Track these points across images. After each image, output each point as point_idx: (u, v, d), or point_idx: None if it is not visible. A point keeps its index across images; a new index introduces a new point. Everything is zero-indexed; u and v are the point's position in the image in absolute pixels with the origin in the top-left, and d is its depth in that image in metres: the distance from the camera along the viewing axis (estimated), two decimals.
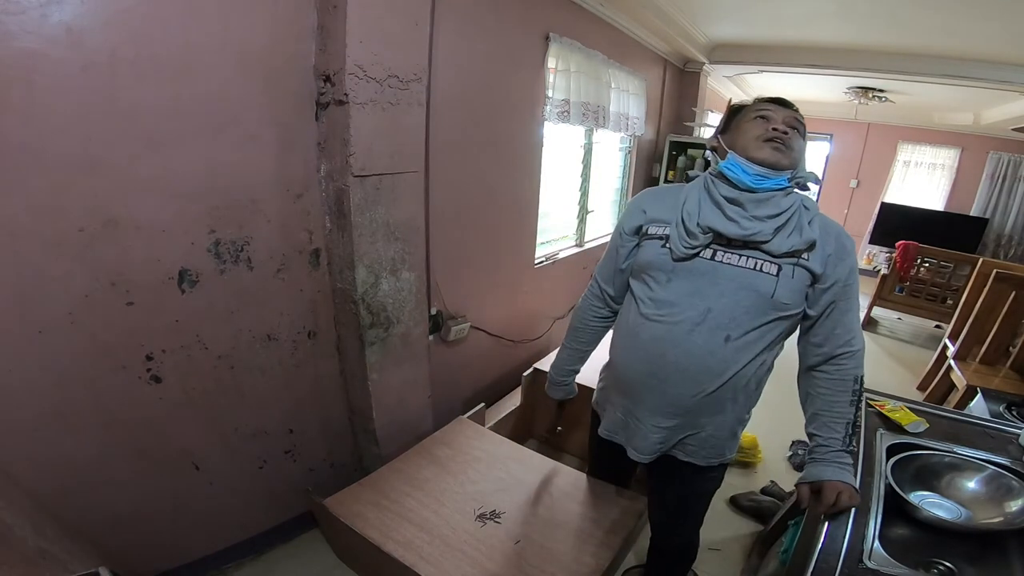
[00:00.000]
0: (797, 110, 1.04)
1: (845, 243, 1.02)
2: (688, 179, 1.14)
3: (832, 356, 1.05)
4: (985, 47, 2.96)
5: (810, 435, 1.10)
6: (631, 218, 1.15)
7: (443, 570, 1.24)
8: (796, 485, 1.11)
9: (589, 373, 1.41)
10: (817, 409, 1.08)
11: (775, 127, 1.00)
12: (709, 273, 1.00)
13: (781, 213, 0.98)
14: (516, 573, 1.26)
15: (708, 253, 1.01)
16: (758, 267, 0.98)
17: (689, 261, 1.01)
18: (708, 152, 1.14)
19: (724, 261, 1.00)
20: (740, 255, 1.00)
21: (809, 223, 1.00)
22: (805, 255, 0.99)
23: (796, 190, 1.03)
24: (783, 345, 1.09)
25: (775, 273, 0.98)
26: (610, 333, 1.26)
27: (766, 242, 0.98)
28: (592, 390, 1.34)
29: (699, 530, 1.31)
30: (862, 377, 1.06)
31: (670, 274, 1.04)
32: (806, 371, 1.11)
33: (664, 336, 1.03)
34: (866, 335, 4.25)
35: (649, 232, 1.09)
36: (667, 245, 1.04)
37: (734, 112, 1.10)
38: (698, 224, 1.00)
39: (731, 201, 1.00)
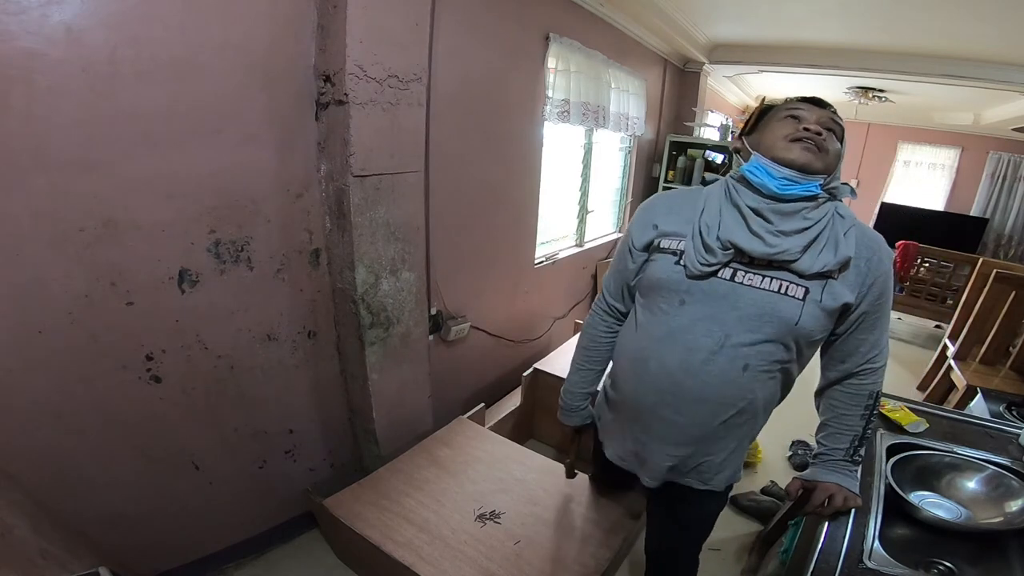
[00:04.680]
0: (835, 111, 0.94)
1: (883, 258, 0.92)
2: (705, 182, 1.07)
3: (853, 372, 0.98)
4: (985, 47, 2.96)
5: (817, 442, 1.07)
6: (641, 232, 1.03)
7: (443, 570, 1.24)
8: (792, 479, 1.09)
9: None
10: (828, 419, 1.04)
11: (807, 126, 0.89)
12: (728, 296, 0.90)
13: (812, 226, 0.88)
14: (516, 573, 1.26)
15: (728, 272, 0.91)
16: (783, 290, 0.88)
17: (705, 280, 0.91)
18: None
19: (745, 283, 0.90)
20: (763, 276, 0.89)
21: (845, 234, 0.89)
22: (837, 275, 0.89)
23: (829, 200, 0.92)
24: (807, 359, 1.01)
25: (801, 297, 0.88)
26: None
27: (794, 261, 0.87)
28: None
29: (698, 556, 1.25)
30: (879, 392, 1.00)
31: (684, 295, 0.93)
32: (826, 385, 1.05)
33: (678, 367, 0.94)
34: None
35: (662, 246, 0.98)
36: (682, 261, 0.93)
37: (764, 112, 0.98)
38: (718, 238, 0.90)
39: (756, 212, 0.89)
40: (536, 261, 2.74)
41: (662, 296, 0.97)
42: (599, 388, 1.24)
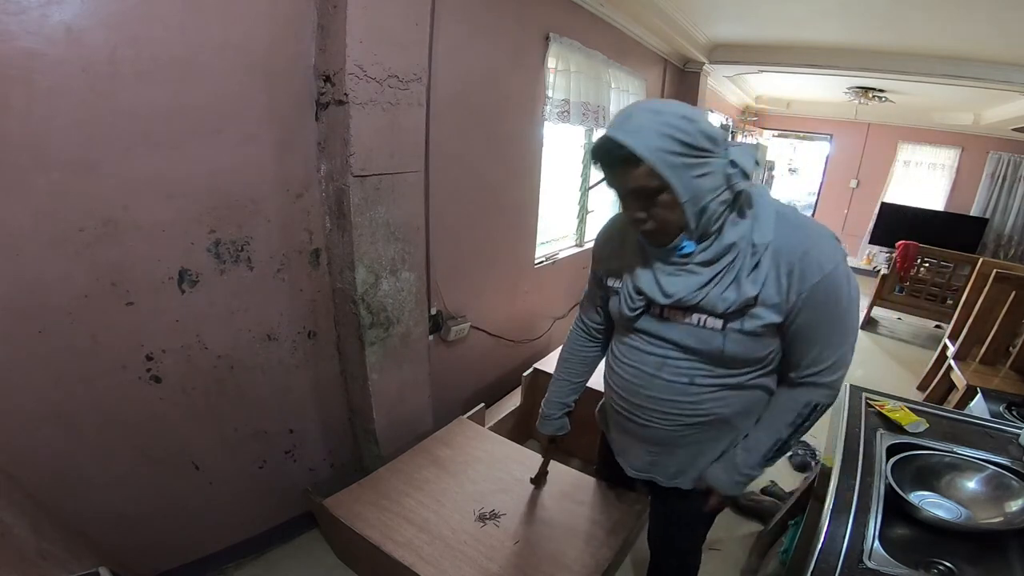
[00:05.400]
0: (639, 158, 0.77)
1: (812, 268, 0.83)
2: None
3: (796, 382, 0.96)
4: (985, 47, 2.96)
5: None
6: (594, 263, 1.14)
7: (443, 570, 1.24)
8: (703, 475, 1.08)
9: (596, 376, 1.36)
10: (764, 413, 1.02)
11: (630, 215, 0.87)
12: (662, 328, 0.96)
13: (705, 273, 0.87)
14: (516, 573, 1.26)
15: (656, 309, 0.95)
16: (702, 323, 0.90)
17: (641, 317, 0.98)
18: None
19: (671, 318, 0.94)
20: (684, 311, 0.92)
21: (756, 266, 0.85)
22: (752, 309, 0.87)
23: (738, 219, 0.86)
24: (776, 365, 0.99)
25: (720, 328, 0.89)
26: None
27: (696, 303, 0.88)
28: (600, 393, 1.29)
29: (697, 553, 1.28)
30: (819, 406, 0.96)
31: (632, 324, 1.00)
32: (779, 382, 1.03)
33: (633, 378, 1.03)
34: (866, 335, 4.31)
35: (608, 283, 1.06)
36: (621, 301, 1.00)
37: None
38: (634, 286, 0.96)
39: (657, 259, 0.91)
40: (536, 261, 2.74)
41: (619, 323, 1.07)
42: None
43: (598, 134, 3.07)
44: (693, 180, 0.79)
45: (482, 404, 2.13)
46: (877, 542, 0.93)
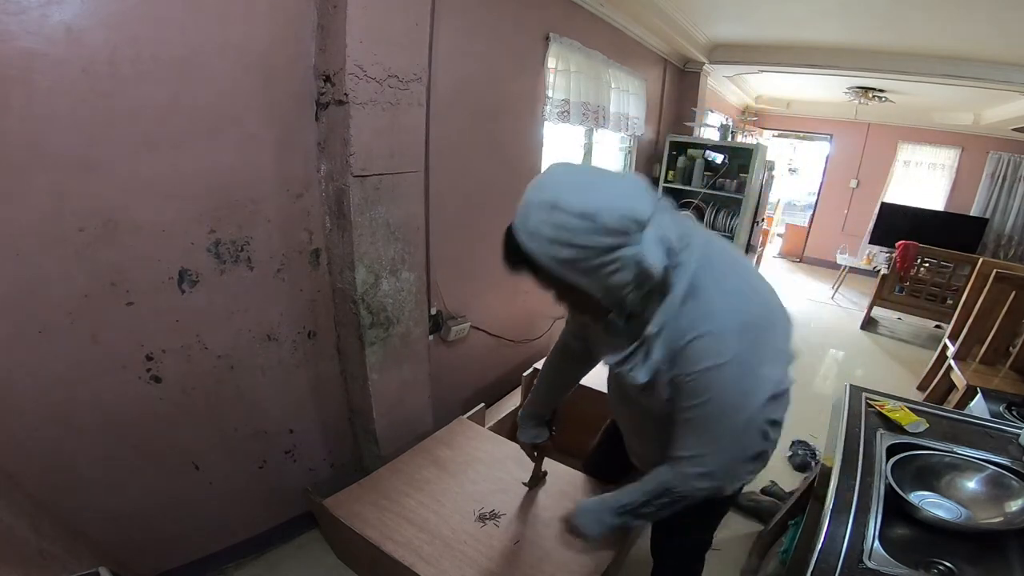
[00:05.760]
0: (535, 263, 0.74)
1: (687, 360, 0.77)
2: None
3: (668, 457, 0.89)
4: (985, 47, 2.96)
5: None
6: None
7: (443, 570, 1.24)
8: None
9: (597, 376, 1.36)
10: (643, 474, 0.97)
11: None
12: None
13: (633, 342, 0.83)
14: (516, 573, 1.26)
15: None
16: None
17: None
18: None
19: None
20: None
21: (647, 355, 0.81)
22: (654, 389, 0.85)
23: (660, 300, 0.79)
24: None
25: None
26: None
27: (624, 373, 0.87)
28: (602, 393, 1.27)
29: (699, 560, 1.26)
30: (678, 494, 0.88)
31: None
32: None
33: (614, 403, 1.12)
34: (866, 335, 4.32)
35: (581, 322, 1.13)
36: None
37: None
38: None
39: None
40: None
41: None
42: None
43: (598, 134, 3.07)
44: (600, 279, 0.73)
45: (482, 404, 2.13)
46: (877, 542, 0.93)
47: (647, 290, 0.77)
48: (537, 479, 1.53)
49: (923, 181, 5.98)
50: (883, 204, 5.78)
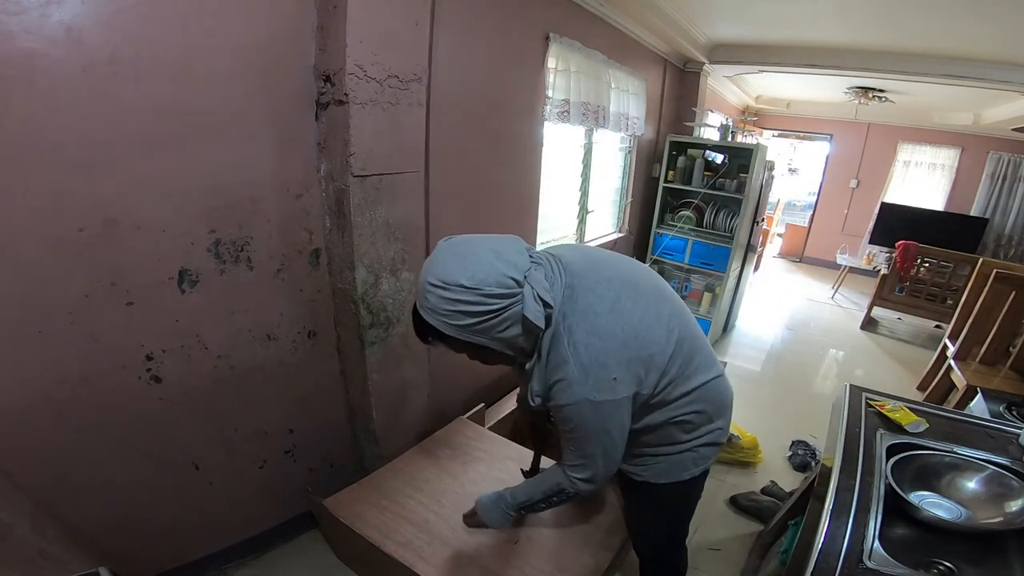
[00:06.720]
0: (441, 333, 0.88)
1: (551, 395, 0.95)
2: None
3: (560, 463, 1.08)
4: (985, 47, 2.96)
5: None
6: None
7: (442, 570, 1.24)
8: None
9: None
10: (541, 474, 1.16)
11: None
12: None
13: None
14: (516, 573, 1.26)
15: None
16: None
17: None
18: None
19: None
20: None
21: (530, 378, 0.99)
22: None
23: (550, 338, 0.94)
24: (649, 415, 1.04)
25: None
26: None
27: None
28: None
29: (678, 549, 1.32)
30: (564, 491, 1.07)
31: None
32: None
33: None
34: (866, 335, 4.33)
35: None
36: None
37: None
38: None
39: None
40: None
41: None
42: None
43: (598, 134, 3.07)
44: (497, 336, 0.87)
45: (482, 404, 2.12)
46: (877, 542, 0.93)
47: (535, 335, 0.93)
48: (537, 469, 1.54)
49: (923, 181, 5.99)
50: (883, 204, 5.79)
